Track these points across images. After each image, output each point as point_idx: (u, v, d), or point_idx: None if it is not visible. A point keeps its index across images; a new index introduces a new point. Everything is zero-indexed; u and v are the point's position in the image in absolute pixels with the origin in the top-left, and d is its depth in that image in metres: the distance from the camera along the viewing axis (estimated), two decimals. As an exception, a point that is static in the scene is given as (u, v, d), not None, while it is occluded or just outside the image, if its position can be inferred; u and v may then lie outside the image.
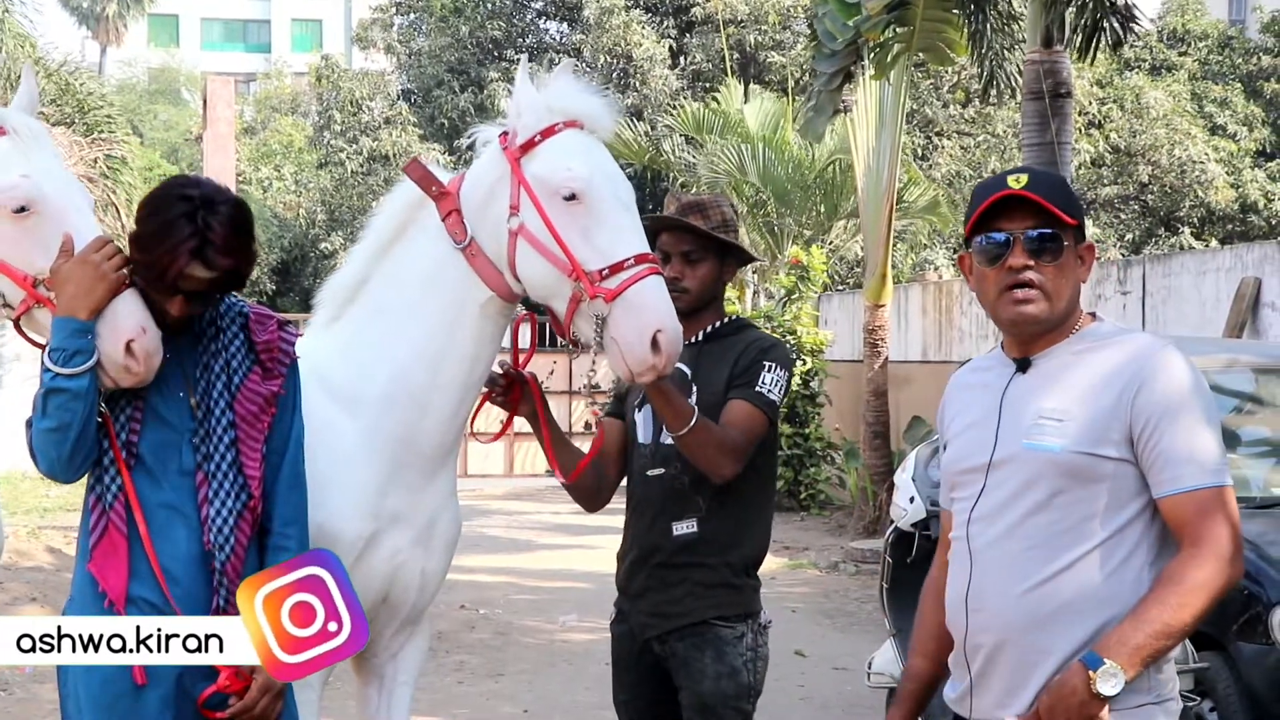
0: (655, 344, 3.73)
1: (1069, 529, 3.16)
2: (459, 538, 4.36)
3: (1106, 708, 3.04)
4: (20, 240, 3.58)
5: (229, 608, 3.54)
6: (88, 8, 59.90)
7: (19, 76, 3.94)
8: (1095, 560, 3.14)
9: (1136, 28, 13.17)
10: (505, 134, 4.01)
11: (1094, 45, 12.74)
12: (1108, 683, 3.02)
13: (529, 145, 3.93)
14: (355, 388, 4.07)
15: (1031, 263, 3.21)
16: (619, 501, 4.61)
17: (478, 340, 4.08)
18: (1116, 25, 12.60)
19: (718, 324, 4.48)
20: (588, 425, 21.24)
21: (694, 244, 4.41)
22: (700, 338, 4.44)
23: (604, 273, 3.78)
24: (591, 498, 4.53)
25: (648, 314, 3.75)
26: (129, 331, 3.42)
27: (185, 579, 3.54)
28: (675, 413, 4.14)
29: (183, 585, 3.54)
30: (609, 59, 29.64)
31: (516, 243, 3.91)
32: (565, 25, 32.98)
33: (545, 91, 4.00)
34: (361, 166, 31.00)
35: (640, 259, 3.80)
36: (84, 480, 3.64)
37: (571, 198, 3.85)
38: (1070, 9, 12.49)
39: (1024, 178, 3.26)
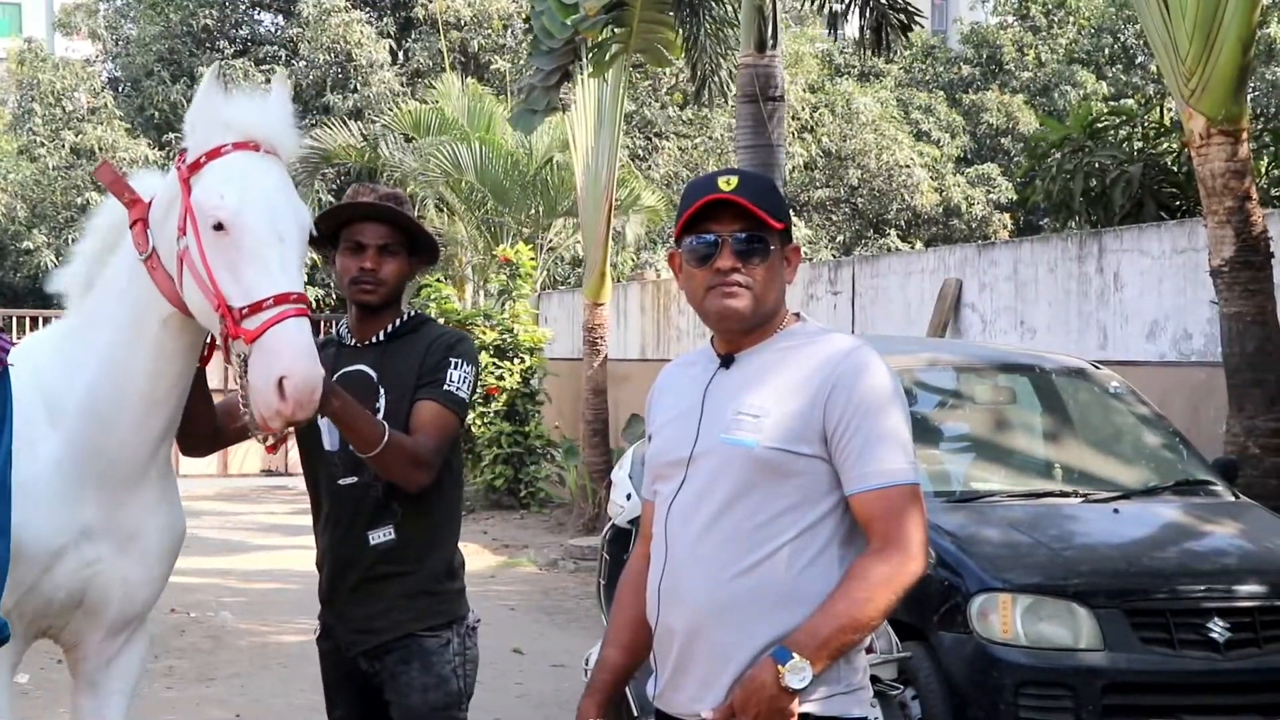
0: (282, 390, 3.54)
1: (763, 524, 3.22)
2: (178, 543, 4.25)
3: (796, 700, 3.11)
4: None
5: None
6: None
7: None
8: (787, 555, 3.21)
9: (918, 22, 13.64)
10: (184, 150, 3.85)
11: (883, 40, 13.13)
12: (796, 676, 3.09)
13: (196, 165, 3.77)
14: (60, 395, 3.97)
15: (739, 265, 3.27)
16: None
17: (159, 355, 3.94)
18: (899, 20, 13.04)
19: (398, 322, 4.36)
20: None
21: (393, 236, 4.28)
22: (382, 337, 4.33)
23: (244, 311, 3.60)
24: (202, 443, 4.31)
25: (277, 359, 3.54)
26: None
27: None
28: (363, 438, 4.01)
29: None
30: (328, 57, 29.18)
31: (182, 267, 3.77)
32: (280, 19, 32.34)
33: (226, 106, 3.82)
34: (64, 161, 29.91)
35: (280, 299, 3.59)
36: None
37: (219, 228, 3.67)
38: (854, 5, 12.91)
39: (734, 180, 3.32)
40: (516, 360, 18.15)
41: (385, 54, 29.37)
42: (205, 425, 4.23)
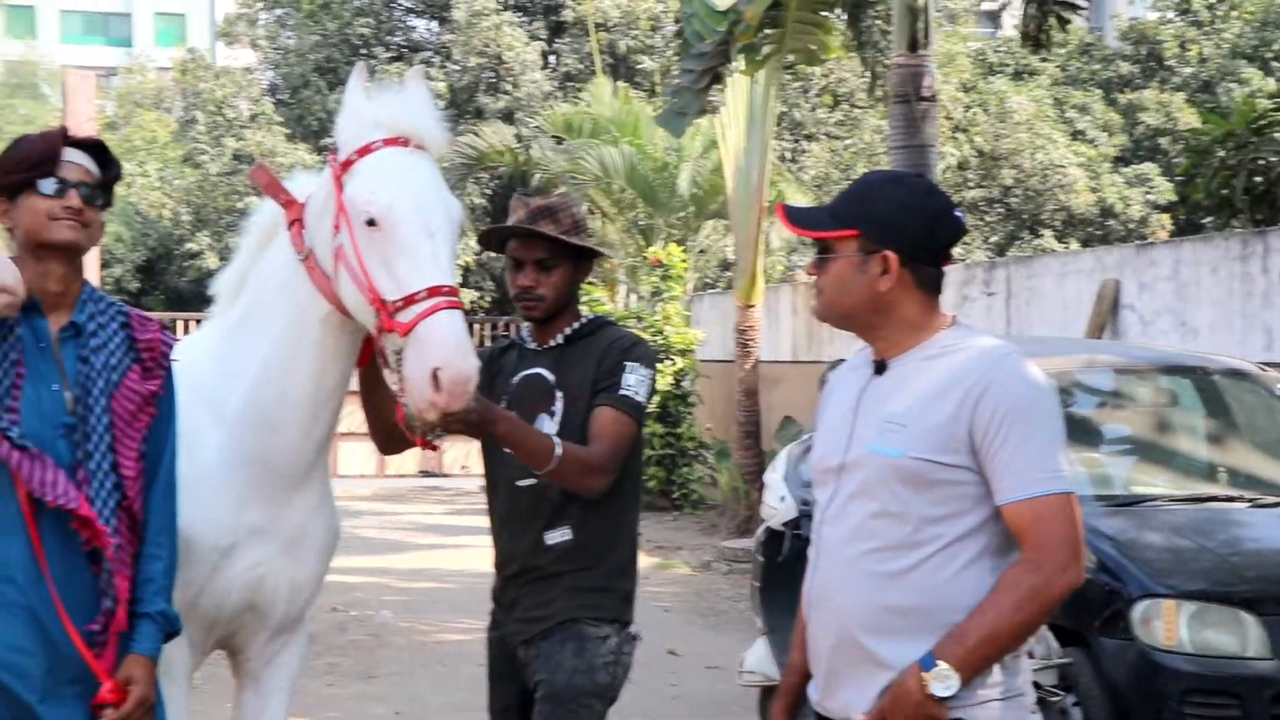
0: (436, 382, 3.54)
1: (911, 533, 3.21)
2: (335, 543, 4.32)
3: (944, 707, 3.10)
4: None
5: (117, 610, 3.51)
6: (-60, -1, 58.47)
7: None
8: (936, 564, 3.19)
9: (1079, 15, 13.51)
10: (336, 149, 3.89)
11: (1046, 33, 12.99)
12: (941, 684, 3.09)
13: (348, 163, 3.81)
14: (220, 397, 4.03)
15: (814, 271, 3.39)
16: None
17: (321, 355, 3.98)
18: (1061, 13, 12.90)
19: (576, 325, 4.36)
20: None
21: (547, 250, 4.27)
22: (560, 340, 4.35)
23: (398, 305, 3.63)
24: (397, 438, 4.23)
25: (430, 350, 3.55)
26: None
27: (57, 579, 3.48)
28: (533, 456, 4.03)
29: (59, 584, 3.48)
30: (480, 60, 29.51)
31: (337, 264, 3.81)
32: (435, 24, 32.78)
33: (373, 104, 3.86)
34: (226, 167, 30.59)
35: (433, 291, 3.61)
36: None
37: (371, 223, 3.70)
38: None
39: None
40: (668, 362, 18.20)
41: (536, 56, 29.62)
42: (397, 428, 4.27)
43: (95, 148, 3.64)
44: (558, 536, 4.26)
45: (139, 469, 3.59)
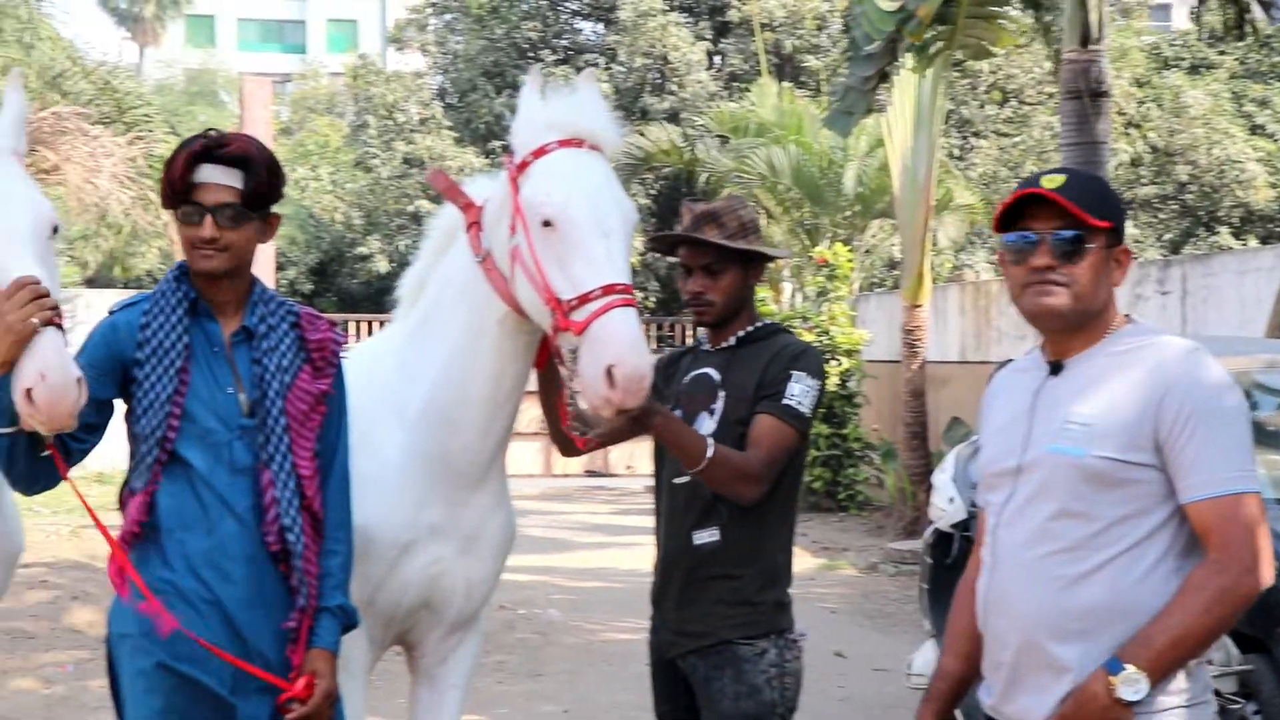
0: (611, 379, 3.55)
1: (1094, 535, 3.15)
2: (511, 543, 4.36)
3: (1131, 713, 3.04)
4: None
5: (309, 607, 3.58)
6: (126, 9, 60.25)
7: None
8: (1120, 566, 3.13)
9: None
10: (512, 152, 3.93)
11: (1240, 26, 12.67)
12: (1129, 688, 3.03)
13: (523, 165, 3.85)
14: (401, 397, 4.10)
15: (1056, 263, 3.21)
16: (654, 501, 4.56)
17: (499, 357, 4.03)
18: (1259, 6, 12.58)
19: (750, 329, 4.35)
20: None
21: (713, 255, 4.26)
22: (733, 342, 4.34)
23: (573, 303, 3.65)
24: (571, 445, 4.25)
25: (605, 348, 3.57)
26: (26, 380, 3.24)
27: (242, 577, 3.57)
28: (685, 453, 4.05)
29: (240, 584, 3.57)
30: (645, 61, 29.62)
31: (514, 265, 3.85)
32: (601, 26, 32.98)
33: (547, 106, 3.89)
34: (396, 170, 31.07)
35: (607, 290, 3.63)
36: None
37: (547, 224, 3.73)
38: None
39: (1059, 179, 3.26)
40: (834, 363, 18.10)
41: (701, 56, 29.66)
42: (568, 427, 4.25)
43: (241, 159, 3.62)
44: (705, 537, 4.25)
45: (314, 467, 3.66)
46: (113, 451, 3.76)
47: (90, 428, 3.52)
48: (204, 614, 3.56)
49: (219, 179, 3.59)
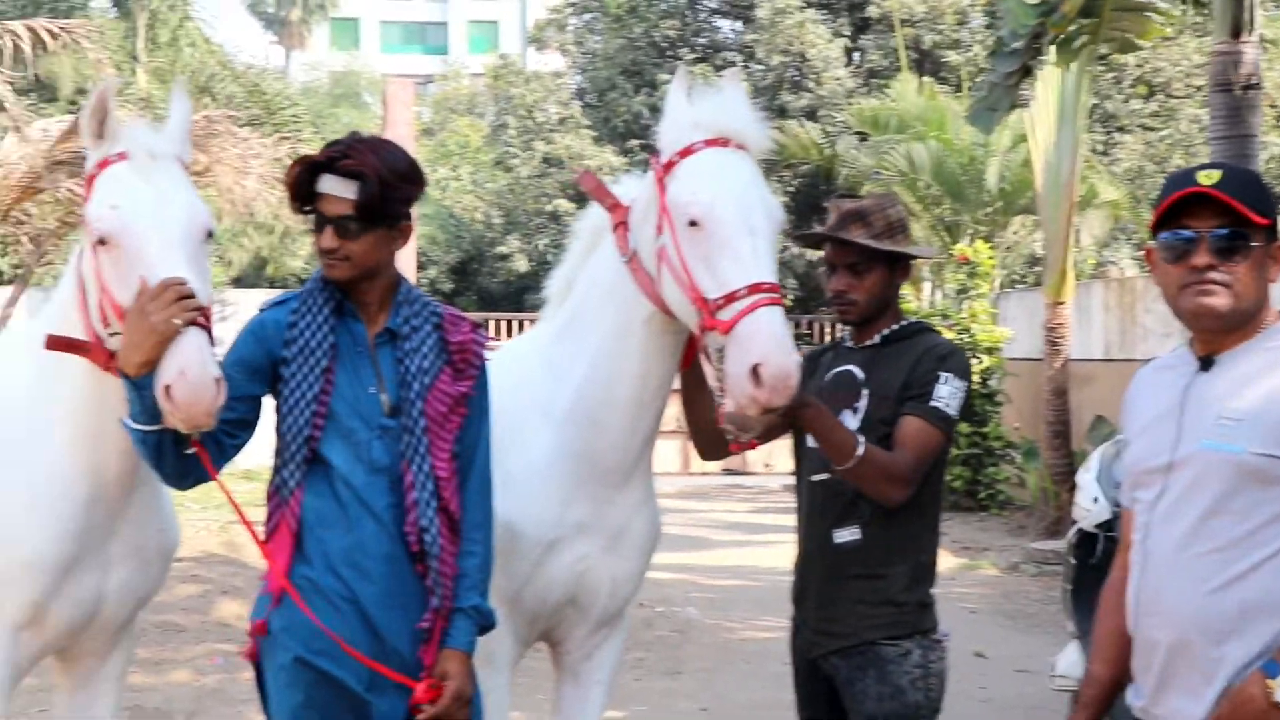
0: (757, 377, 3.56)
1: (1249, 533, 3.09)
2: (656, 541, 4.38)
3: None
4: (106, 270, 3.60)
5: (443, 607, 3.62)
6: (273, 13, 61.38)
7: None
8: (1277, 565, 3.07)
9: None
10: (658, 152, 3.95)
11: None
12: None
13: (669, 165, 3.86)
14: (549, 397, 4.15)
15: (1216, 262, 3.15)
16: (793, 500, 4.54)
17: (645, 356, 4.05)
18: None
19: (895, 327, 4.33)
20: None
21: (859, 254, 4.24)
22: (877, 341, 4.31)
23: (719, 303, 3.66)
24: (717, 445, 4.22)
25: (751, 346, 3.57)
26: (166, 377, 3.36)
27: (380, 576, 3.62)
28: (835, 449, 4.03)
29: (378, 583, 3.62)
30: (783, 59, 29.53)
31: (660, 264, 3.86)
32: (739, 24, 32.94)
33: (693, 106, 3.90)
34: (536, 170, 31.28)
35: (753, 289, 3.64)
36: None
37: (693, 223, 3.74)
38: None
39: (1216, 174, 3.19)
40: (975, 360, 17.91)
41: (839, 53, 29.51)
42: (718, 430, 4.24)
43: (355, 172, 3.64)
44: (846, 535, 4.23)
45: (452, 469, 3.69)
46: (260, 449, 3.84)
47: (242, 424, 3.61)
48: (341, 611, 3.62)
49: (337, 191, 3.63)
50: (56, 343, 3.78)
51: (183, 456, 3.51)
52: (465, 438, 3.74)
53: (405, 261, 3.99)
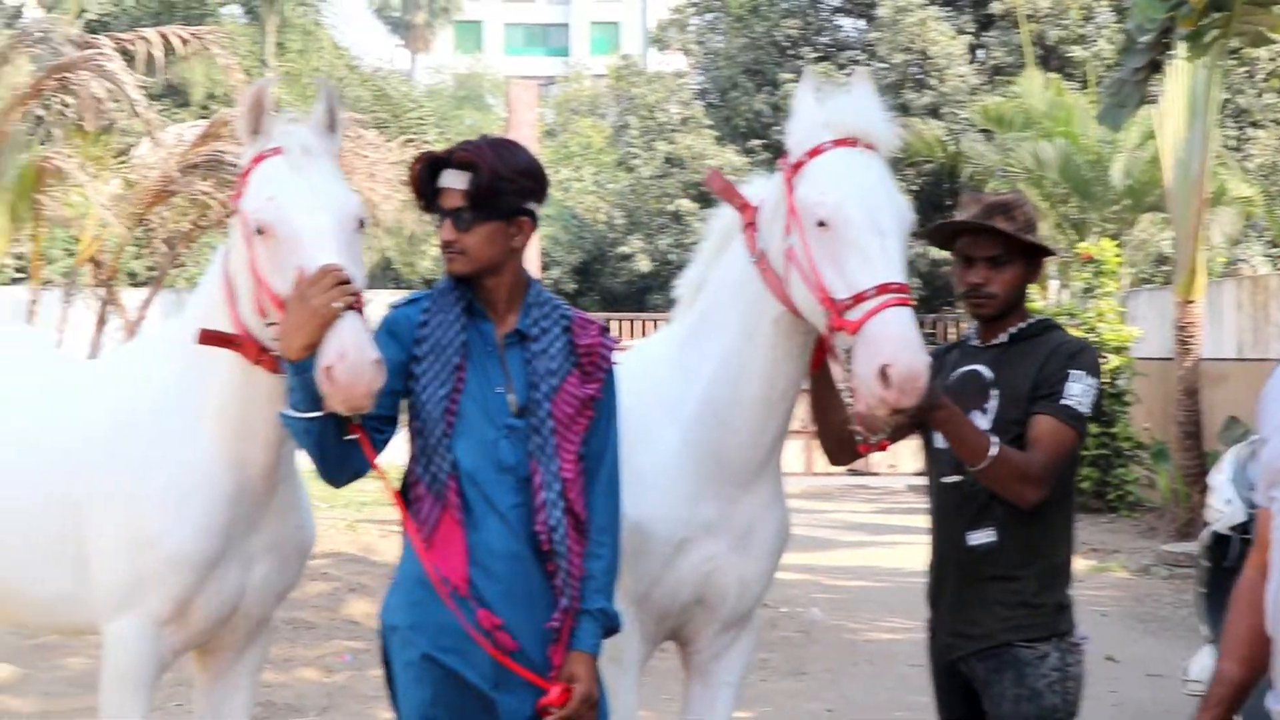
0: (886, 378, 3.55)
1: None
2: (785, 542, 4.37)
3: None
4: (265, 260, 3.69)
5: (572, 608, 3.64)
6: (399, 17, 62.10)
7: (337, 81, 4.07)
8: None
9: None
10: (787, 152, 3.95)
11: None
12: None
13: (798, 166, 3.86)
14: (678, 396, 4.16)
15: None
16: (918, 501, 4.52)
17: (774, 357, 4.05)
18: None
19: (1022, 325, 4.28)
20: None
21: (1000, 247, 4.20)
22: (1004, 339, 4.27)
23: (847, 303, 3.66)
24: (846, 449, 4.19)
25: (880, 347, 3.57)
26: (327, 358, 3.44)
27: (504, 575, 3.64)
28: (968, 449, 4.00)
29: (502, 581, 3.64)
30: (905, 56, 29.33)
31: (788, 265, 3.86)
32: (862, 22, 32.77)
33: (822, 106, 3.90)
34: (658, 170, 31.34)
35: (881, 289, 3.63)
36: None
37: (822, 224, 3.73)
38: None
39: None
40: (1102, 360, 17.67)
41: (963, 50, 29.25)
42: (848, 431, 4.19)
43: (467, 163, 3.70)
44: (981, 537, 4.19)
45: (577, 471, 3.71)
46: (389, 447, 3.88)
47: (388, 419, 3.67)
48: (470, 609, 3.64)
49: (452, 183, 3.69)
50: (209, 337, 3.88)
51: (343, 443, 3.57)
52: (592, 440, 3.75)
53: (530, 263, 4.02)
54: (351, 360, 3.43)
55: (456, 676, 3.64)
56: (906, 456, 21.11)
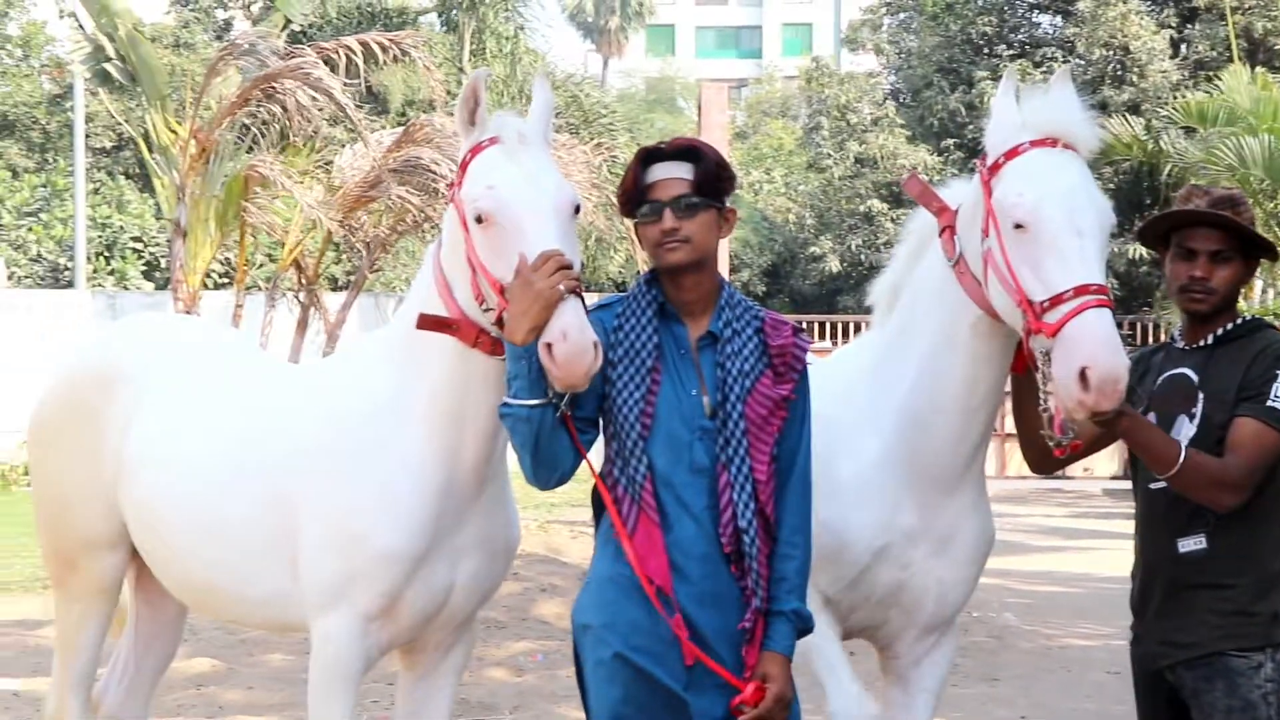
0: (1085, 381, 3.49)
1: None
2: (988, 549, 4.33)
3: None
4: (484, 247, 3.76)
5: (763, 609, 3.65)
6: (592, 22, 62.67)
7: (533, 86, 4.15)
8: None
9: None
10: (985, 154, 3.91)
11: None
12: None
13: (996, 167, 3.82)
14: (878, 404, 4.16)
15: None
16: (1113, 505, 4.43)
17: (973, 361, 4.03)
18: None
19: (1229, 326, 4.15)
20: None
21: (1224, 242, 4.07)
22: (1211, 341, 4.14)
23: (1045, 305, 3.61)
24: (1048, 457, 4.08)
25: (1078, 349, 3.51)
26: (549, 337, 3.50)
27: (697, 578, 3.65)
28: (1154, 457, 3.91)
29: (696, 583, 3.65)
30: (1104, 52, 28.77)
31: (986, 268, 3.83)
32: (1058, 19, 32.22)
33: (1020, 107, 3.86)
34: (849, 170, 31.18)
35: (1080, 290, 3.58)
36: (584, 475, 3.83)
37: (1019, 226, 3.70)
38: None
39: None
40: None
41: (1165, 44, 28.60)
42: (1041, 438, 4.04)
43: (688, 152, 3.75)
44: (1191, 544, 4.07)
45: (770, 472, 3.70)
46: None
47: (591, 421, 3.71)
48: (670, 609, 3.67)
49: (671, 173, 3.72)
50: (427, 321, 3.98)
51: (556, 440, 3.62)
52: (785, 441, 3.74)
53: (719, 265, 4.03)
54: (573, 340, 3.48)
55: (648, 676, 3.66)
56: (1103, 460, 20.72)
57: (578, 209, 3.82)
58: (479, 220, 3.76)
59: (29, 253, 27.51)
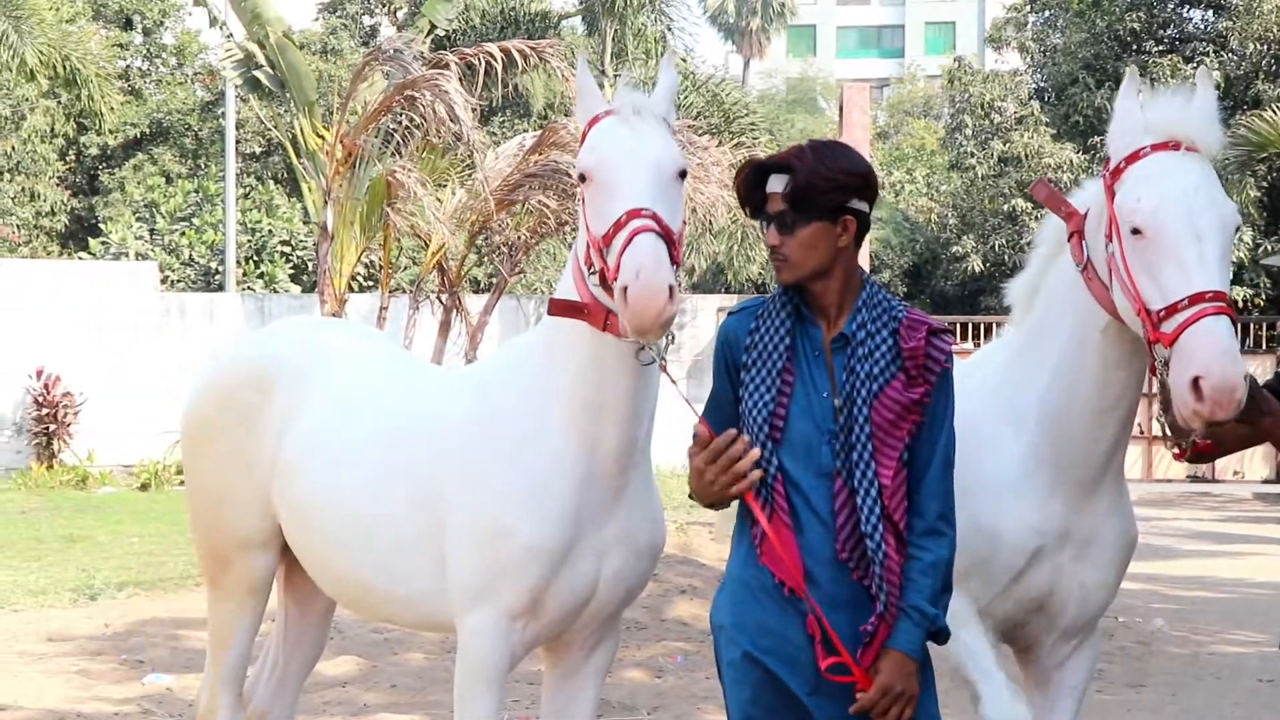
0: (1198, 391, 3.46)
1: None
2: (1130, 551, 4.31)
3: None
4: (589, 206, 3.88)
5: (888, 613, 3.62)
6: (733, 24, 62.62)
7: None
8: None
9: None
10: (1109, 158, 3.87)
11: None
12: None
13: (1118, 172, 3.78)
14: (1017, 405, 4.16)
15: None
16: (1265, 509, 4.35)
17: (1104, 364, 4.01)
18: None
19: None
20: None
21: None
22: None
23: (1162, 314, 3.58)
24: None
25: (1191, 359, 3.49)
26: (623, 279, 3.63)
27: (825, 581, 3.63)
28: None
29: (823, 588, 3.63)
30: (1259, 47, 28.13)
31: (1111, 273, 3.81)
32: (1210, 13, 31.56)
33: (1143, 110, 3.81)
34: (992, 169, 30.82)
35: (1195, 299, 3.53)
36: None
37: (1136, 231, 3.66)
38: None
39: None
40: None
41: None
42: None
43: (783, 165, 3.72)
44: None
45: (899, 478, 3.63)
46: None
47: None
48: (793, 614, 3.64)
49: (774, 187, 3.71)
50: (558, 306, 4.07)
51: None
52: (919, 445, 3.67)
53: (861, 265, 4.00)
54: (645, 279, 3.59)
55: (775, 678, 3.65)
56: (1256, 462, 20.29)
57: (684, 174, 3.91)
58: (583, 179, 3.89)
59: (181, 256, 28.13)
